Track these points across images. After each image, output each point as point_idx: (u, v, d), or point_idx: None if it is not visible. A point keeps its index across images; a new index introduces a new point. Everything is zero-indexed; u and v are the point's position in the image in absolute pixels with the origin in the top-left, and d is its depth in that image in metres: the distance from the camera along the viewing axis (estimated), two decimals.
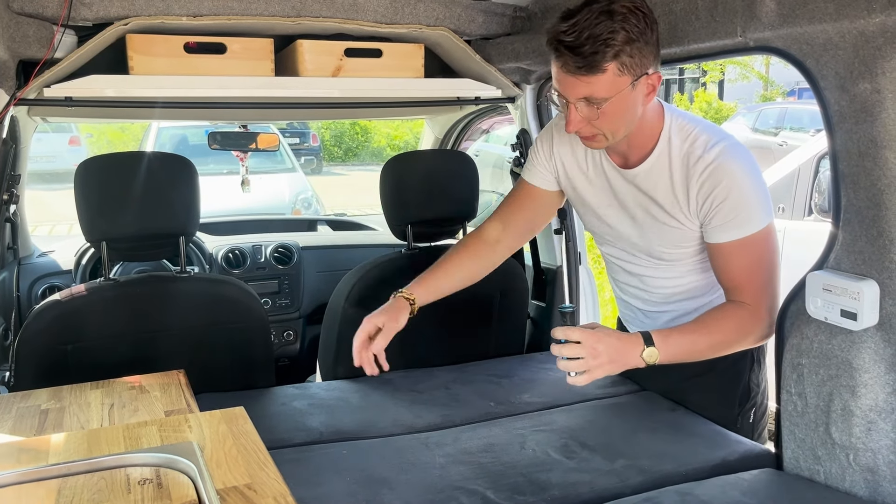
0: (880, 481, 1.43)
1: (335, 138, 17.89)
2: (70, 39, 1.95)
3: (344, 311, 2.24)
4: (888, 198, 1.34)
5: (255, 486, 1.13)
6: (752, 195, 1.61)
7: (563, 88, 1.56)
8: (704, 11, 1.61)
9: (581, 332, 1.54)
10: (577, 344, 1.53)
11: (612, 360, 1.55)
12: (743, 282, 1.64)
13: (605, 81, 1.50)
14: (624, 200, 1.77)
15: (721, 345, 1.66)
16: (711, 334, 1.63)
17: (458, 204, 2.41)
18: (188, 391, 1.69)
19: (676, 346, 1.60)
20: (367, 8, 2.09)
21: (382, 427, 1.85)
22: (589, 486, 1.55)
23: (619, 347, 1.56)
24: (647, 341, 1.58)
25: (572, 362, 1.54)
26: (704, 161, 1.62)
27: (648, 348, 1.57)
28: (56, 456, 1.23)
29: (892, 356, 1.39)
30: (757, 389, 1.88)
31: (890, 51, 1.27)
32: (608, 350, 1.54)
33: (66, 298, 1.97)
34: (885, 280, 1.38)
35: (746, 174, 1.61)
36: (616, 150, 1.75)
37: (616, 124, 1.59)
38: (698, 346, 1.63)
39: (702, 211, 1.65)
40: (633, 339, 1.59)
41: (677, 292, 1.82)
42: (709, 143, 1.63)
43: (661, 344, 1.59)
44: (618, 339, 1.58)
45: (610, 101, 1.52)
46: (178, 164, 2.08)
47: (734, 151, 1.62)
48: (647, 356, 1.58)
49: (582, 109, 1.56)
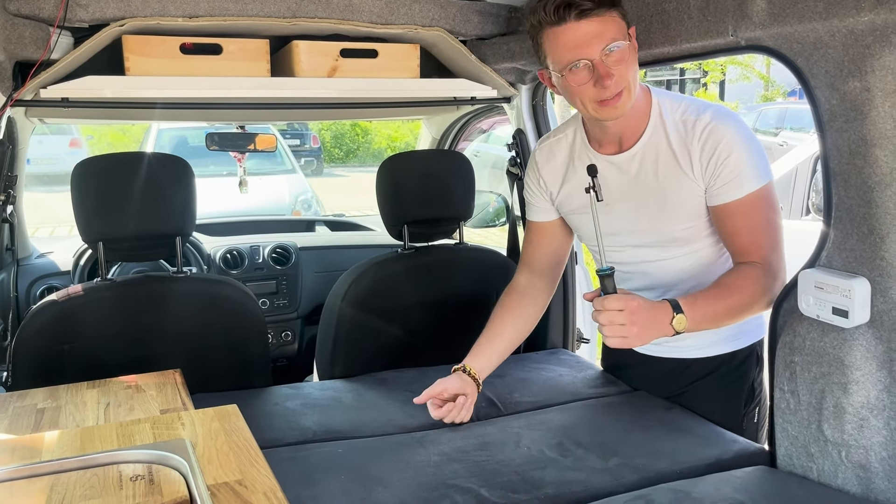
0: (872, 478, 1.44)
1: (335, 139, 17.90)
2: (66, 41, 1.96)
3: (340, 311, 2.25)
4: (878, 196, 1.34)
5: (246, 481, 1.13)
6: (751, 153, 1.65)
7: (581, 50, 1.58)
8: (696, 11, 1.62)
9: (623, 301, 1.54)
10: (620, 311, 1.53)
11: (644, 327, 1.54)
12: (752, 242, 1.65)
13: (616, 22, 1.59)
14: (625, 191, 1.77)
15: (741, 307, 1.65)
16: (732, 296, 1.63)
17: (453, 204, 2.41)
18: (184, 391, 1.70)
19: (702, 310, 1.60)
20: (363, 8, 2.10)
21: (376, 427, 1.85)
22: (583, 484, 1.55)
23: (654, 316, 1.56)
24: (675, 308, 1.58)
25: (612, 328, 1.54)
26: (701, 122, 1.66)
27: (678, 315, 1.57)
28: (49, 453, 1.24)
29: (883, 353, 1.39)
30: (760, 388, 1.87)
31: (879, 49, 1.27)
32: (643, 319, 1.54)
33: (62, 299, 1.98)
34: (876, 278, 1.38)
35: (743, 133, 1.66)
36: (610, 135, 1.76)
37: (633, 73, 1.63)
38: (720, 310, 1.62)
39: (707, 170, 1.66)
40: (663, 306, 1.58)
41: (686, 279, 1.80)
42: (699, 108, 1.69)
43: (689, 310, 1.58)
44: (652, 308, 1.57)
45: (627, 44, 1.59)
46: (175, 164, 2.09)
47: (727, 113, 1.69)
48: (677, 323, 1.57)
49: (606, 60, 1.57)
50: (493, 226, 4.17)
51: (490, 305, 2.43)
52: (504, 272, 2.31)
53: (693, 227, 1.74)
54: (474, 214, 2.58)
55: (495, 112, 3.06)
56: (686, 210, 1.72)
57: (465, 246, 2.50)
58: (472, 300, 2.42)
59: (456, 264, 2.46)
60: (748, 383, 1.86)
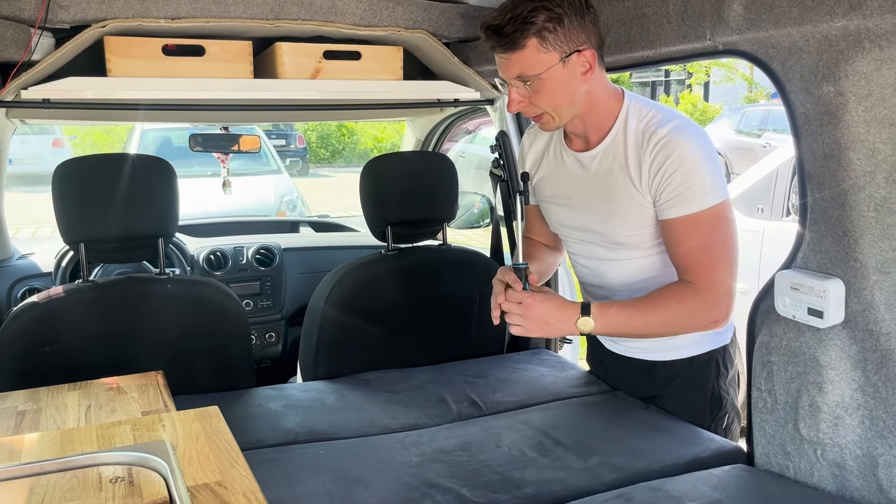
0: (847, 476, 1.46)
1: (321, 140, 17.86)
2: (47, 41, 1.95)
3: (324, 312, 2.25)
4: (852, 198, 1.37)
5: (226, 482, 1.14)
6: (702, 170, 1.63)
7: (500, 71, 1.67)
8: (675, 15, 1.64)
9: (523, 296, 1.63)
10: (519, 304, 1.63)
11: (546, 323, 1.63)
12: (692, 260, 1.64)
13: (529, 57, 1.60)
14: (584, 188, 1.79)
15: (665, 324, 1.66)
16: (652, 311, 1.65)
17: (437, 205, 2.42)
18: (166, 392, 1.70)
19: (614, 318, 1.64)
20: (346, 10, 2.10)
21: (358, 427, 1.86)
22: (562, 483, 1.57)
23: (555, 313, 1.63)
24: (584, 310, 1.63)
25: (511, 316, 1.64)
26: (658, 135, 1.66)
27: (583, 317, 1.62)
28: (29, 455, 1.24)
29: (857, 353, 1.42)
30: (727, 397, 1.87)
31: (852, 54, 1.30)
32: (544, 314, 1.62)
33: (43, 300, 1.97)
34: (851, 279, 1.40)
35: (698, 149, 1.64)
36: (576, 133, 1.79)
37: (554, 101, 1.65)
38: (637, 322, 1.65)
39: (653, 184, 1.66)
40: (571, 306, 1.65)
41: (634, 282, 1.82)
42: (663, 120, 1.68)
43: (598, 315, 1.63)
44: (556, 306, 1.64)
45: (541, 77, 1.61)
46: (157, 165, 2.08)
47: (687, 128, 1.67)
48: (582, 324, 1.63)
49: (518, 88, 1.65)
50: (477, 227, 4.18)
51: (473, 306, 2.45)
52: (487, 273, 2.31)
53: (638, 236, 1.75)
54: (459, 215, 2.59)
55: (479, 114, 3.08)
56: (630, 219, 1.73)
57: (449, 247, 2.51)
58: (456, 301, 2.43)
59: (439, 265, 2.47)
60: (709, 390, 1.85)
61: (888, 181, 1.32)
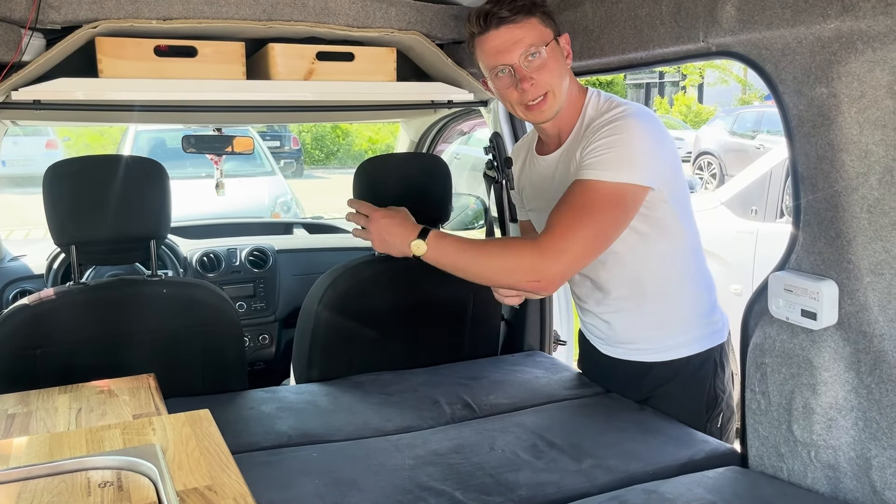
0: (841, 477, 1.46)
1: (316, 141, 17.84)
2: (38, 42, 1.94)
3: (317, 314, 2.24)
4: (845, 200, 1.37)
5: (216, 487, 1.13)
6: (632, 147, 1.61)
7: (502, 56, 1.67)
8: (668, 17, 1.64)
9: (370, 209, 1.73)
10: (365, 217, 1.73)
11: (382, 239, 1.71)
12: (554, 222, 1.60)
13: (535, 27, 1.66)
14: (554, 191, 1.77)
15: (490, 267, 1.64)
16: (485, 252, 1.66)
17: (430, 206, 2.41)
18: (157, 395, 1.68)
19: (447, 248, 1.65)
20: (339, 11, 2.10)
21: (351, 430, 1.85)
22: (556, 485, 1.56)
23: (393, 230, 1.69)
24: (421, 234, 1.66)
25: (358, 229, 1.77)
26: (605, 118, 1.68)
27: (417, 240, 1.65)
28: (17, 459, 1.22)
29: (850, 355, 1.42)
30: (723, 395, 1.89)
31: (845, 56, 1.29)
32: (382, 230, 1.71)
33: (34, 303, 1.96)
34: (844, 280, 1.40)
35: (639, 128, 1.63)
36: (551, 133, 1.82)
37: (555, 78, 1.68)
38: (465, 256, 1.64)
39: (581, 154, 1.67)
40: (411, 227, 1.68)
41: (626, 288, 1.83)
42: (618, 107, 1.70)
43: (434, 241, 1.65)
44: (396, 224, 1.70)
45: (546, 48, 1.66)
46: (149, 167, 2.07)
47: (638, 113, 1.68)
48: (415, 247, 1.66)
49: (526, 65, 1.66)
50: (472, 228, 4.18)
51: (466, 309, 2.45)
52: None
53: None
54: (453, 217, 2.59)
55: (473, 115, 3.07)
56: None
57: None
58: (450, 303, 2.42)
59: (433, 267, 2.46)
60: (706, 389, 1.86)
61: (881, 183, 1.32)
